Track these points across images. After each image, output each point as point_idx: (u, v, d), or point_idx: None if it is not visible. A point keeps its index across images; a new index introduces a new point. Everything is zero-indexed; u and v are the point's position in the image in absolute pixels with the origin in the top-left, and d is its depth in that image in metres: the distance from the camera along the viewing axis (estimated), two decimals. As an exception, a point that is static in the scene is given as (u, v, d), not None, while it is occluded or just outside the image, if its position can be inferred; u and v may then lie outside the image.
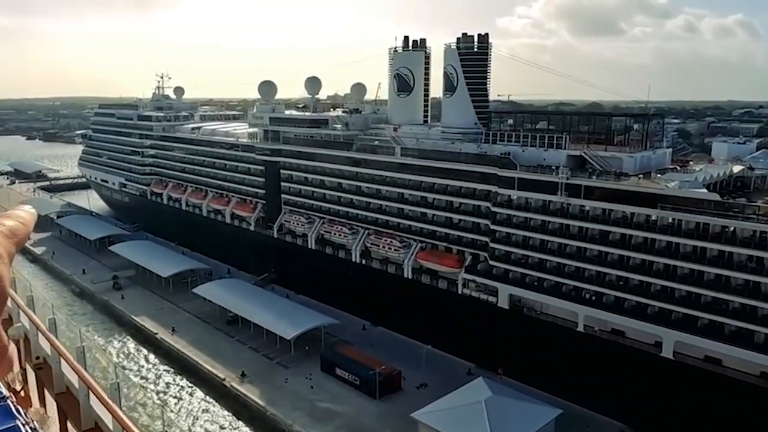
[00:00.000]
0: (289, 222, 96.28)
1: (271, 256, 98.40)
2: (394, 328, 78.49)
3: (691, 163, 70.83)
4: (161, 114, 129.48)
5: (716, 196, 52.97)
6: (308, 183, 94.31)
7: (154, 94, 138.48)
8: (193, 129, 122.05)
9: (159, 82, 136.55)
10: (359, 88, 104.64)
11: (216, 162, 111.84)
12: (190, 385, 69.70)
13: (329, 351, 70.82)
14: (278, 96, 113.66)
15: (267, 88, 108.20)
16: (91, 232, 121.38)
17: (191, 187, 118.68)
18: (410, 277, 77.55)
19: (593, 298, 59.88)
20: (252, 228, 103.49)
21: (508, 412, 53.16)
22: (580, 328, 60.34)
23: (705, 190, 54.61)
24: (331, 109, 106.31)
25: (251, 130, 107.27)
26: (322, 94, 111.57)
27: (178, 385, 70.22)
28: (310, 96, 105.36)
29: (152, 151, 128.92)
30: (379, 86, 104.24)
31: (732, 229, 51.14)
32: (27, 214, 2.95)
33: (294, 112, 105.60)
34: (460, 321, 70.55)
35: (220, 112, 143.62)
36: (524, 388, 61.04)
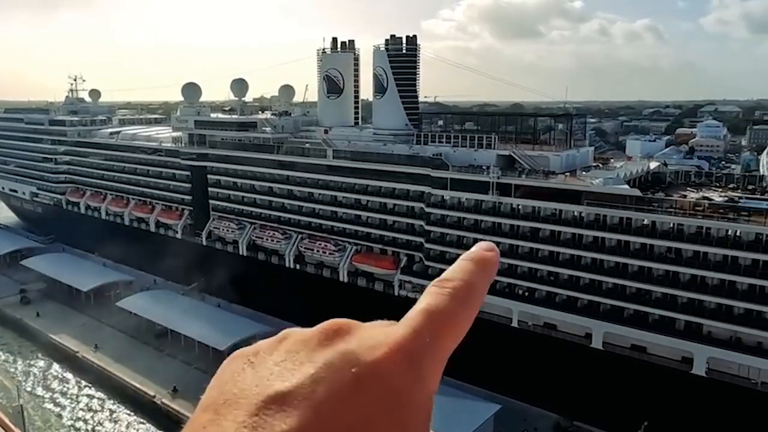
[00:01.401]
0: (219, 228, 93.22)
1: (200, 264, 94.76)
2: (331, 332, 77.22)
3: (612, 160, 74.26)
4: (76, 118, 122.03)
5: (637, 192, 55.61)
6: (237, 188, 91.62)
7: (67, 97, 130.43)
8: (111, 134, 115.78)
9: (72, 84, 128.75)
10: (287, 90, 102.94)
11: (138, 168, 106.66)
12: (115, 404, 65.89)
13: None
14: (203, 98, 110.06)
15: (191, 90, 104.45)
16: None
17: (111, 194, 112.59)
18: (346, 280, 76.84)
19: (526, 293, 61.45)
20: (179, 236, 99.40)
21: (448, 412, 53.42)
22: (515, 324, 61.74)
23: (627, 186, 57.22)
24: (260, 112, 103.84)
25: (175, 134, 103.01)
26: (248, 97, 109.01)
27: (101, 405, 66.24)
28: (236, 98, 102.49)
29: (67, 158, 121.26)
30: (306, 88, 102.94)
31: (652, 222, 53.73)
32: (476, 264, 1.56)
33: (220, 115, 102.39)
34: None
35: (141, 116, 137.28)
36: (462, 386, 61.61)
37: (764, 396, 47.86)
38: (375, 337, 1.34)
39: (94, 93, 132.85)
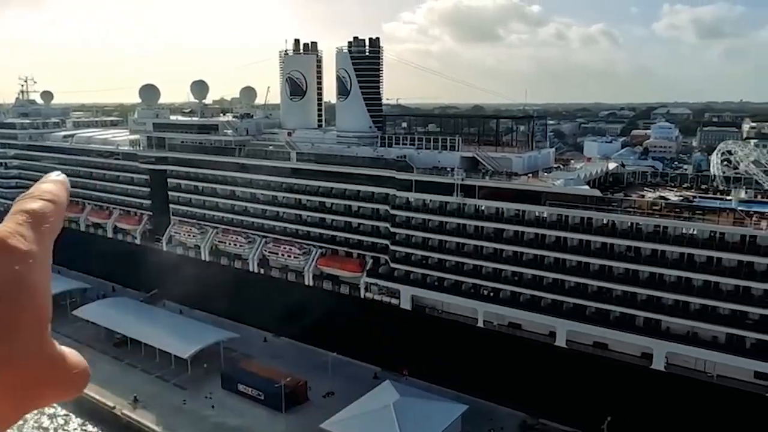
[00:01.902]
0: (180, 233, 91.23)
1: (160, 270, 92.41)
2: (297, 337, 76.61)
3: (572, 161, 75.72)
4: (27, 121, 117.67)
5: (597, 192, 56.88)
6: (199, 192, 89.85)
7: (17, 99, 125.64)
8: (65, 137, 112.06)
9: (23, 86, 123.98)
10: (249, 92, 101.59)
11: (93, 172, 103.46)
12: (71, 416, 63.65)
13: (230, 367, 67.75)
14: (161, 101, 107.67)
15: (149, 92, 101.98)
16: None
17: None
18: (311, 284, 76.21)
19: (491, 294, 62.06)
20: (138, 241, 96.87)
21: (416, 414, 53.60)
22: (480, 324, 62.29)
23: (587, 187, 58.46)
24: (221, 114, 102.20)
25: (133, 137, 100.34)
26: (208, 99, 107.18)
27: (55, 418, 63.86)
28: (196, 101, 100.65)
29: (17, 162, 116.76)
30: (268, 90, 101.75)
31: (612, 222, 54.98)
32: (55, 185, 1.95)
33: (180, 118, 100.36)
34: (364, 325, 70.23)
35: (96, 118, 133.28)
36: (430, 387, 61.94)
37: (720, 388, 49.53)
38: None
39: (47, 95, 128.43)
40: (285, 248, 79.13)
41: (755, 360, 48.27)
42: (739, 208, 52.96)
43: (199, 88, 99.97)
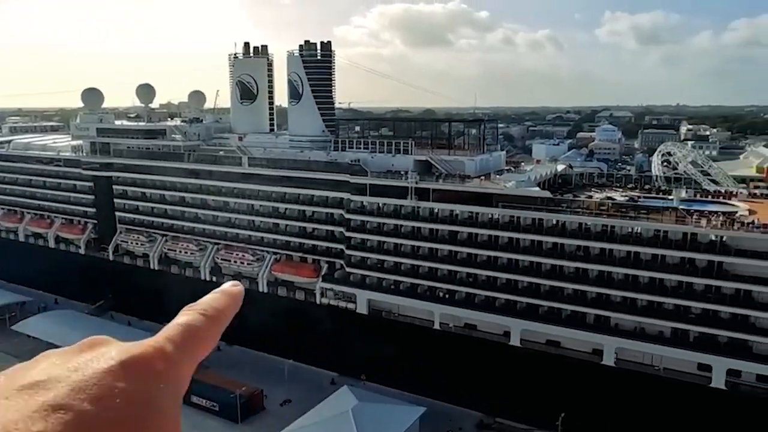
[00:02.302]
0: (127, 242, 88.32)
1: (107, 280, 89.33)
2: (252, 345, 75.02)
3: (522, 164, 77.28)
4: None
5: (547, 194, 58.22)
6: (146, 198, 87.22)
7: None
8: (1, 143, 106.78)
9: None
10: (197, 96, 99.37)
11: (32, 179, 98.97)
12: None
13: (182, 378, 65.73)
14: (105, 105, 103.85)
15: (92, 96, 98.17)
16: None
17: (2, 209, 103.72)
18: (266, 290, 75.03)
19: (446, 296, 62.56)
20: (82, 251, 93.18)
21: (375, 418, 53.43)
22: (437, 326, 62.71)
23: (538, 188, 59.78)
24: (168, 119, 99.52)
25: (75, 142, 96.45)
26: (155, 103, 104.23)
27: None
28: (142, 105, 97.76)
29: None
30: (217, 94, 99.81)
31: (562, 222, 56.34)
32: (224, 296, 1.81)
33: (126, 123, 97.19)
34: (320, 331, 69.63)
35: (35, 123, 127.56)
36: (388, 391, 61.90)
37: (667, 381, 51.42)
38: (132, 343, 1.52)
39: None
40: (238, 255, 77.70)
41: (698, 352, 50.34)
42: (681, 206, 55.23)
43: (146, 91, 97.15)
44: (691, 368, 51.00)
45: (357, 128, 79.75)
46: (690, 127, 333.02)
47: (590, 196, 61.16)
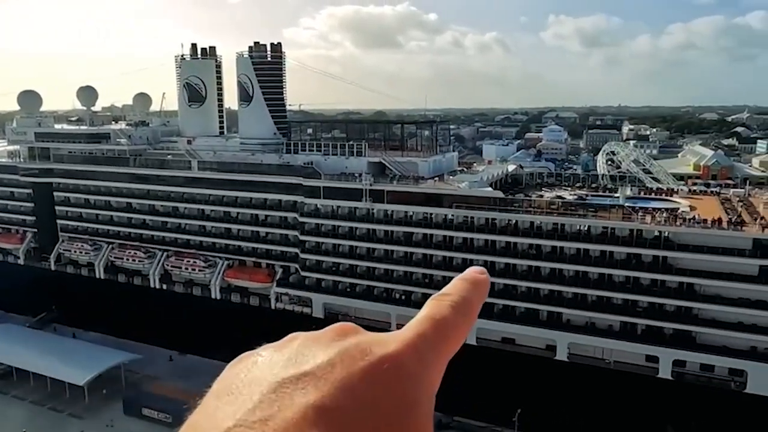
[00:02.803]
0: (70, 250, 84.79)
1: (49, 292, 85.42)
2: (206, 353, 73.17)
3: (475, 164, 78.30)
4: None
5: (500, 194, 59.17)
6: (90, 205, 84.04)
7: None
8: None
9: None
10: (143, 99, 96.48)
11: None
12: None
13: (133, 390, 63.68)
14: (43, 108, 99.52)
15: (29, 99, 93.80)
16: None
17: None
18: (219, 297, 73.40)
19: (403, 297, 62.68)
20: (21, 261, 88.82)
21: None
22: (393, 328, 62.02)
23: (490, 189, 60.66)
24: (112, 122, 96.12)
25: (11, 147, 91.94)
26: (97, 106, 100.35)
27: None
28: (84, 108, 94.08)
29: None
30: (164, 96, 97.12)
31: (515, 221, 57.30)
32: (469, 285, 1.64)
33: (67, 126, 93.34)
34: (276, 336, 67.80)
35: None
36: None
37: (617, 373, 53.02)
38: (384, 336, 1.43)
39: None
40: (189, 261, 75.71)
41: (646, 345, 52.14)
42: (626, 204, 57.14)
43: (87, 94, 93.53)
44: (639, 360, 52.76)
45: (309, 130, 79.04)
46: (631, 127, 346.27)
47: (541, 196, 62.52)
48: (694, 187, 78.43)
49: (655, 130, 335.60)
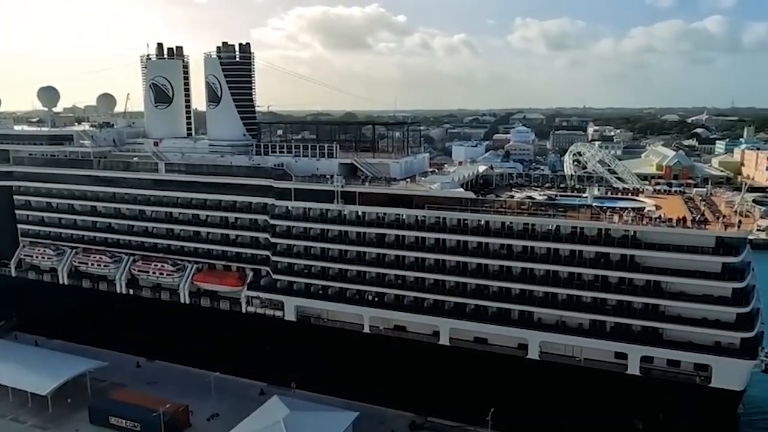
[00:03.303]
0: (31, 256, 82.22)
1: (9, 299, 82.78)
2: (174, 359, 72.13)
3: (446, 165, 78.64)
4: None
5: (471, 194, 59.48)
6: (53, 209, 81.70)
7: None
8: None
9: None
10: (107, 100, 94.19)
11: None
12: None
13: (99, 399, 62.04)
14: (1, 109, 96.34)
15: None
16: None
17: None
18: (187, 301, 72.06)
19: (376, 299, 62.51)
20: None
21: (308, 427, 52.51)
22: (367, 330, 62.52)
23: (462, 189, 60.94)
24: (75, 124, 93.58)
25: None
26: (59, 107, 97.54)
27: None
28: (45, 108, 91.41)
29: None
30: (128, 97, 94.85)
31: (486, 222, 57.62)
32: None
33: (26, 128, 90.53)
34: (247, 340, 67.76)
35: None
36: (320, 398, 61.09)
37: (587, 370, 53.82)
38: None
39: None
40: (156, 265, 74.16)
41: (615, 342, 53.04)
42: (594, 204, 58.07)
43: (48, 95, 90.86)
44: (609, 357, 53.60)
45: (279, 132, 78.17)
46: (596, 128, 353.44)
47: (512, 196, 63.11)
48: (658, 187, 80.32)
49: (619, 131, 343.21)
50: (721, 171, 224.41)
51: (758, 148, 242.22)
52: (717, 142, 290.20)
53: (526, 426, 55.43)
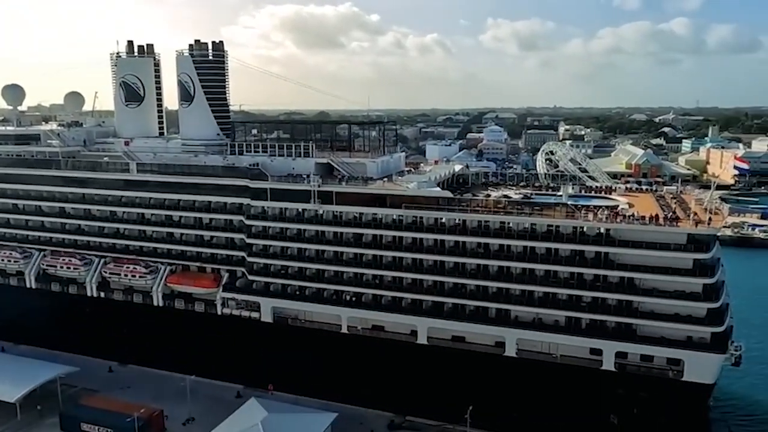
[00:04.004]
0: (-3, 259, 79.76)
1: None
2: (148, 363, 70.85)
3: (422, 165, 78.76)
4: None
5: (449, 194, 59.68)
6: (19, 210, 79.46)
7: None
8: None
9: None
10: (75, 98, 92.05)
11: None
12: None
13: (70, 405, 60.51)
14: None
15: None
16: None
17: None
18: (161, 304, 70.78)
19: (353, 299, 62.29)
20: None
21: (286, 429, 52.06)
22: (344, 330, 62.27)
23: (439, 189, 61.11)
24: (42, 123, 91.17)
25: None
26: (23, 105, 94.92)
27: None
28: (10, 107, 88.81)
29: None
30: (96, 95, 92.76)
31: (463, 221, 57.87)
32: None
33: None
34: (223, 343, 66.92)
35: None
36: (299, 399, 60.68)
37: (563, 367, 54.50)
38: None
39: None
40: (128, 268, 72.68)
41: (590, 338, 53.81)
42: (569, 202, 58.81)
43: (13, 93, 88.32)
44: (584, 353, 54.35)
45: (254, 131, 77.24)
46: (567, 127, 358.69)
47: (488, 195, 63.50)
48: (628, 185, 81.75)
49: (589, 130, 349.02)
50: (688, 169, 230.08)
51: (723, 147, 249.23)
52: (683, 141, 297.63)
53: (504, 423, 55.95)
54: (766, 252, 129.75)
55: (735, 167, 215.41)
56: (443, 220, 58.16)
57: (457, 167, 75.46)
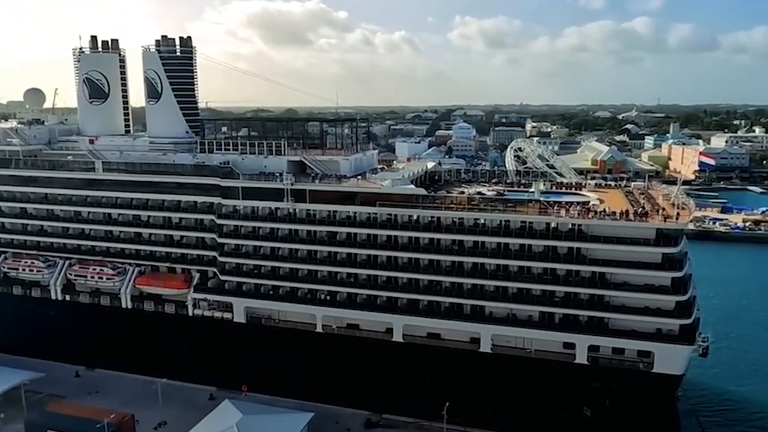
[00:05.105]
0: (-46, 262, 76.63)
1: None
2: (117, 367, 69.09)
3: (395, 162, 78.69)
4: None
5: (423, 191, 59.69)
6: (-22, 212, 76.43)
7: None
8: None
9: None
10: (35, 95, 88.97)
11: None
12: None
13: (36, 412, 58.42)
14: None
15: None
16: None
17: None
18: (129, 306, 69.10)
19: (328, 297, 61.84)
20: None
21: (262, 430, 51.38)
22: (319, 329, 61.80)
23: (413, 186, 61.07)
24: (1, 121, 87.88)
25: None
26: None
27: None
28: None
29: None
30: (56, 92, 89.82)
31: (437, 218, 57.96)
32: None
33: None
34: (194, 344, 65.67)
35: None
36: (273, 400, 59.99)
37: (538, 361, 55.14)
38: None
39: None
40: (95, 269, 70.72)
41: (563, 332, 54.56)
42: (541, 198, 59.47)
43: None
44: (558, 348, 55.07)
45: (224, 129, 75.93)
46: (534, 124, 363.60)
47: (462, 192, 63.75)
48: (594, 181, 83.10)
49: (555, 127, 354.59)
50: (651, 165, 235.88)
51: (684, 144, 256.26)
52: (646, 137, 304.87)
53: (480, 418, 56.30)
54: (726, 245, 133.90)
55: (700, 162, 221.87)
56: (417, 218, 58.18)
57: (430, 164, 75.61)
